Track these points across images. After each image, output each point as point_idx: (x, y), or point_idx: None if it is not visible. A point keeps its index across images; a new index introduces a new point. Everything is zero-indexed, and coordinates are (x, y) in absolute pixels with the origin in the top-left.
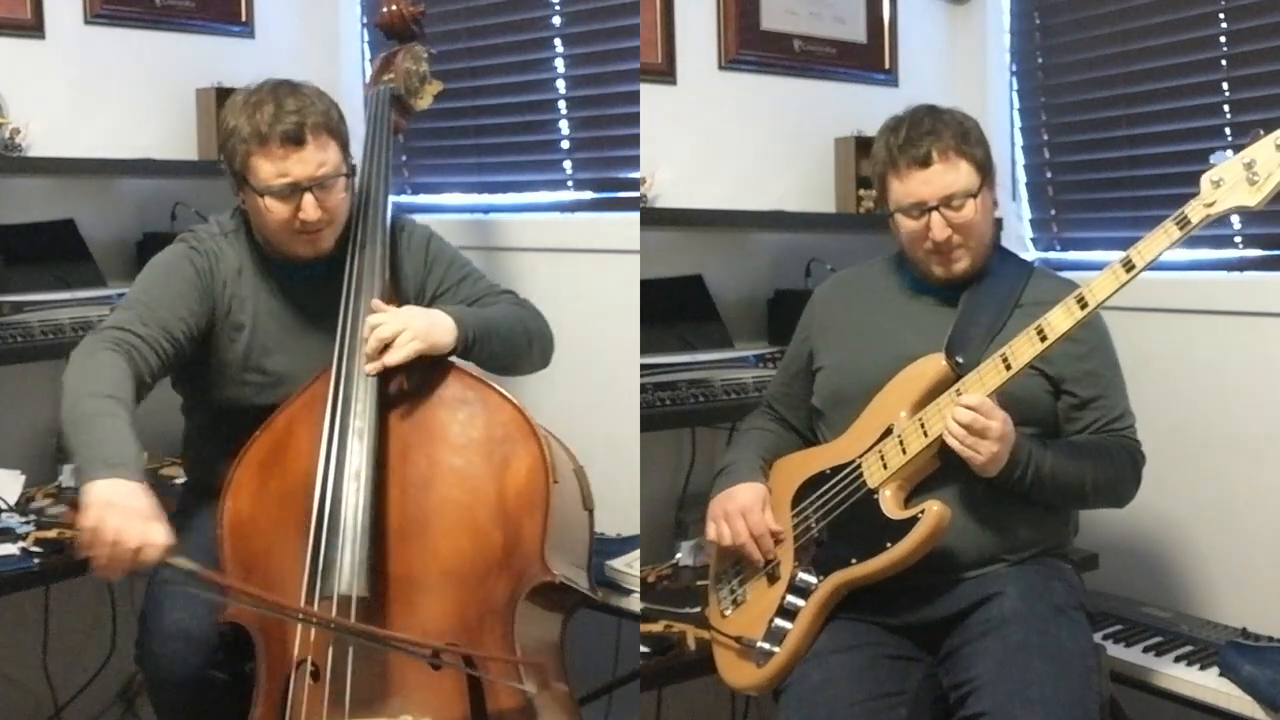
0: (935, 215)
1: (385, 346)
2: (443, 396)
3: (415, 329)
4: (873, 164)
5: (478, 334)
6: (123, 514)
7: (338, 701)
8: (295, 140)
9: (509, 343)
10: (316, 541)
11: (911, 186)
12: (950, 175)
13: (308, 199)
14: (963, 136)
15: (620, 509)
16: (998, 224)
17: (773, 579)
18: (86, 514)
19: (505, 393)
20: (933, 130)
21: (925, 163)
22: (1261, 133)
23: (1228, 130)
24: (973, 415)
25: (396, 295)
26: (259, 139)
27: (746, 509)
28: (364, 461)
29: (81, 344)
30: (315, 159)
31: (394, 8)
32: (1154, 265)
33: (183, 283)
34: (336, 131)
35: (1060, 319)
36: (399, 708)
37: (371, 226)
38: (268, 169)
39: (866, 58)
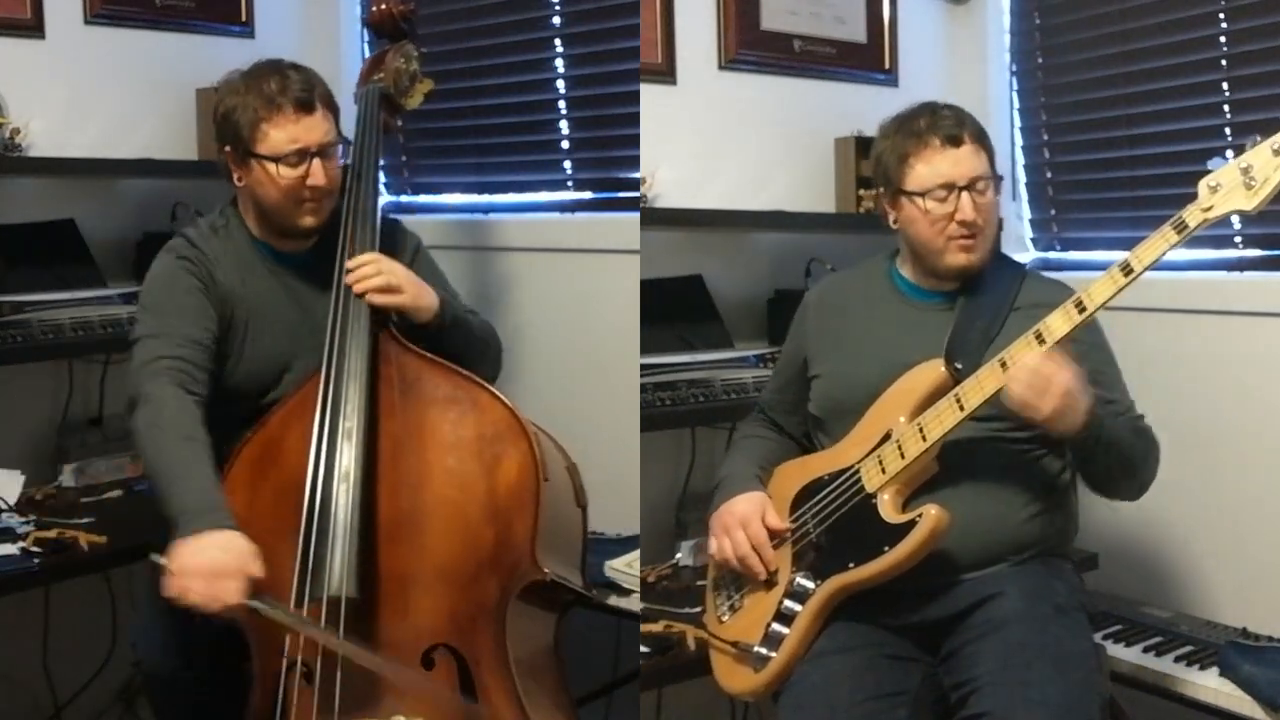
0: (965, 196)
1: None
2: (434, 396)
3: (407, 286)
4: (886, 153)
5: (453, 320)
6: (201, 580)
7: (329, 702)
8: (307, 107)
9: (471, 345)
10: (306, 542)
11: (941, 167)
12: (977, 159)
13: (316, 164)
14: (982, 130)
15: (620, 509)
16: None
17: (770, 584)
18: (170, 584)
19: (495, 392)
20: (959, 117)
21: (957, 142)
22: (1259, 138)
23: (1228, 130)
24: (1033, 370)
25: None
26: (272, 106)
27: (745, 519)
28: (354, 462)
29: (138, 382)
30: (322, 126)
31: (383, 6)
32: (1154, 265)
33: (189, 294)
34: (333, 104)
35: (1059, 323)
36: (391, 708)
37: (362, 226)
38: (279, 136)
39: (866, 58)
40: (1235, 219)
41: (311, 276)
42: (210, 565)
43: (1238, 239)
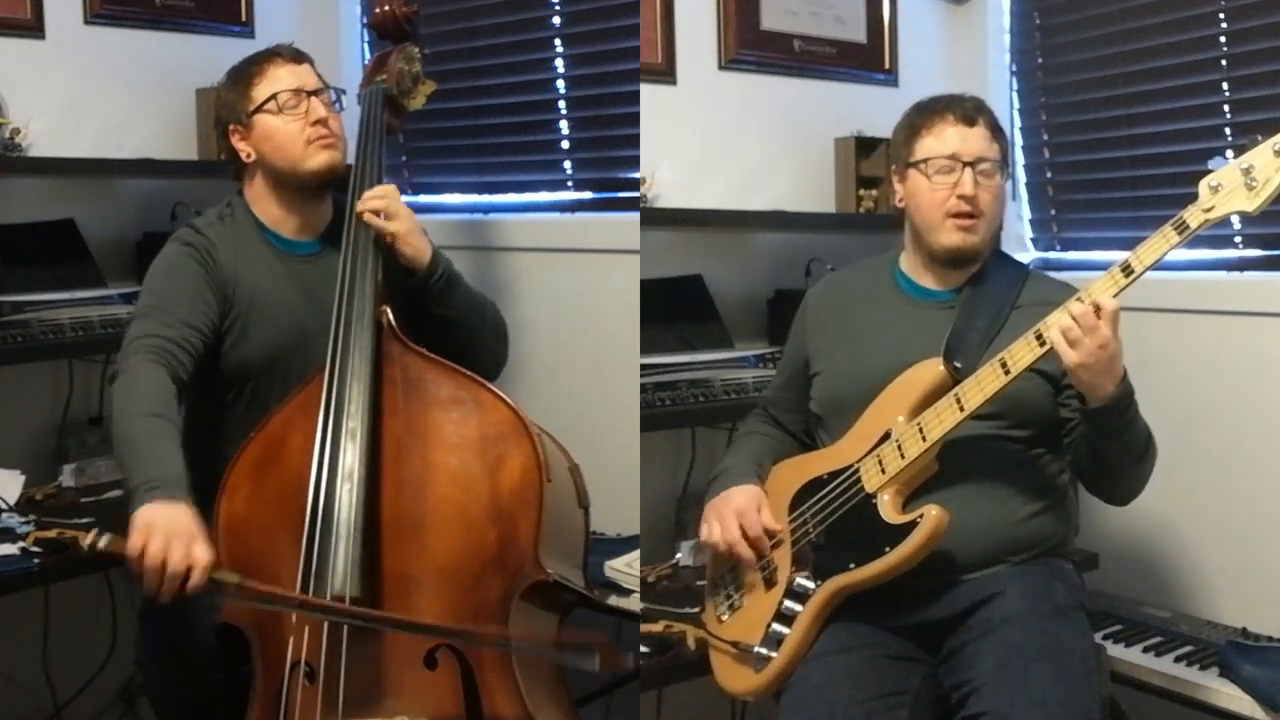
0: (968, 171)
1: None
2: (437, 396)
3: (405, 219)
4: (900, 130)
5: (449, 274)
6: (165, 537)
7: (332, 703)
8: (298, 59)
9: (471, 309)
10: (310, 542)
11: (950, 140)
12: (987, 144)
13: (315, 101)
14: (999, 124)
15: (620, 509)
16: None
17: (770, 584)
18: (131, 540)
19: (499, 392)
20: (979, 104)
21: (971, 123)
22: (1260, 138)
23: (1228, 130)
24: (1085, 309)
25: (389, 296)
26: (267, 61)
27: (741, 510)
28: (357, 461)
29: (120, 361)
30: (313, 77)
31: (386, 8)
32: (1154, 266)
33: (191, 277)
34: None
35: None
36: (394, 708)
37: (366, 228)
38: (275, 80)
39: (866, 58)
40: (1235, 219)
41: (315, 267)
42: (174, 525)
43: (1238, 239)
